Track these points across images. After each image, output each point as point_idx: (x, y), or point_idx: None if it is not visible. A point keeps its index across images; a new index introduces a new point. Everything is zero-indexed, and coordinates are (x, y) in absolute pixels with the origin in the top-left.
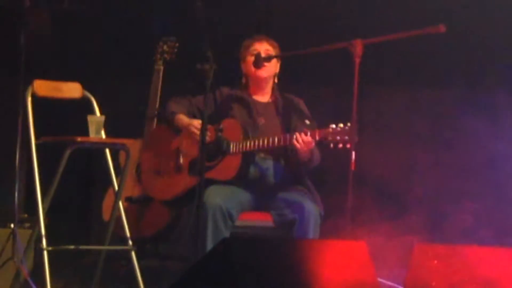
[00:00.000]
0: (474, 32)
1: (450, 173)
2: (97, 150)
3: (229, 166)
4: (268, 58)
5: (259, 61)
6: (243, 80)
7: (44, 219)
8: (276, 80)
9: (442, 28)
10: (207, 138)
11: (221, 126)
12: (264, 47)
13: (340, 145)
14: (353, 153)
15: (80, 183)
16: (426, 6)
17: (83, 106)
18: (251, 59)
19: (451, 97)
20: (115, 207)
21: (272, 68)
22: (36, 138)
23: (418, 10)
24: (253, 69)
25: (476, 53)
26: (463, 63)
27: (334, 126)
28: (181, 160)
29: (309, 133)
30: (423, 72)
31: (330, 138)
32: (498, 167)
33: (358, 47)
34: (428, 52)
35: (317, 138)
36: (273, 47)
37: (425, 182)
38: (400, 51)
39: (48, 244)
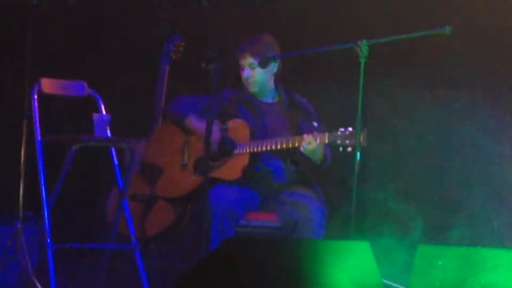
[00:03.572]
0: (480, 33)
1: (456, 175)
2: (102, 148)
3: (235, 167)
4: (273, 58)
5: (266, 61)
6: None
7: (49, 217)
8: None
9: (447, 30)
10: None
11: (226, 125)
12: (247, 61)
13: (349, 149)
14: (358, 153)
15: (85, 181)
16: (432, 7)
17: (89, 105)
18: (242, 71)
19: (458, 98)
20: (120, 205)
21: (264, 72)
22: (42, 136)
23: (424, 11)
24: (244, 79)
25: (482, 55)
26: (469, 64)
27: (343, 129)
28: (187, 158)
29: (318, 136)
30: (429, 73)
31: (339, 141)
32: (506, 169)
33: (363, 47)
34: (436, 52)
35: (326, 141)
36: (259, 54)
37: (430, 183)
38: (406, 51)
39: (52, 242)
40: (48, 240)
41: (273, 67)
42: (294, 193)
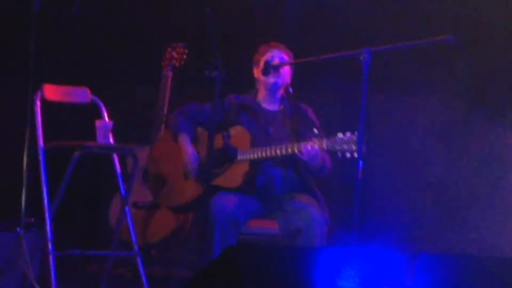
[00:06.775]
0: (482, 41)
1: (459, 182)
2: (104, 155)
3: (236, 174)
4: (277, 66)
5: (268, 69)
6: (256, 86)
7: (51, 224)
8: (288, 91)
9: (451, 39)
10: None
11: (228, 133)
12: (279, 55)
13: (348, 154)
14: (361, 162)
15: (87, 188)
16: (435, 15)
17: (92, 111)
18: (266, 62)
19: (461, 106)
20: (122, 212)
21: (284, 76)
22: (44, 142)
23: (427, 19)
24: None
25: (485, 63)
26: (473, 72)
27: (341, 135)
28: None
29: (316, 142)
30: (432, 81)
31: (337, 147)
32: (508, 178)
33: (366, 56)
34: (438, 60)
35: (325, 147)
36: (288, 56)
37: (433, 191)
38: (409, 59)
39: (55, 249)
40: (50, 247)
41: (288, 77)
42: (296, 201)
